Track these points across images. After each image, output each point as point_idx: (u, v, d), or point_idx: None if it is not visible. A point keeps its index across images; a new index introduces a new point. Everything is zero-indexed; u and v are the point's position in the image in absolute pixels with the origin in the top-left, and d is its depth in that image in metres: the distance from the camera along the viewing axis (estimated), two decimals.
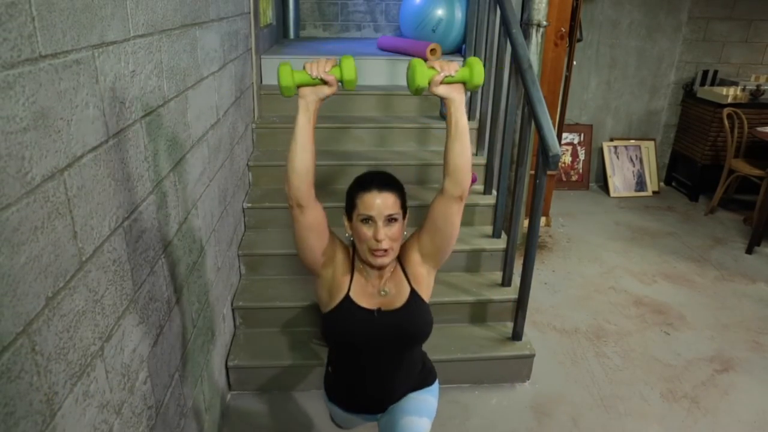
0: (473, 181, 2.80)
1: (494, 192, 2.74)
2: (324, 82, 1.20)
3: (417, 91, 1.21)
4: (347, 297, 1.35)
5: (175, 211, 1.52)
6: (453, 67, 1.20)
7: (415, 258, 1.39)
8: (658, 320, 2.84)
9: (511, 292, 2.44)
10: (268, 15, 3.33)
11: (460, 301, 2.41)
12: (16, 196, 0.80)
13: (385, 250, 1.28)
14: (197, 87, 1.72)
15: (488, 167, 2.74)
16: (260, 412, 2.15)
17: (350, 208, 1.33)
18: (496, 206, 2.62)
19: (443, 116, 2.99)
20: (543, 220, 3.88)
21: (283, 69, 1.18)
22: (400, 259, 1.40)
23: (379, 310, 1.35)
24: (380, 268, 1.35)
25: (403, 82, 3.52)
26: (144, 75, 1.27)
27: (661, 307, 2.96)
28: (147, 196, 1.31)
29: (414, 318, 1.37)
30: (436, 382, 1.54)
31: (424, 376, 1.51)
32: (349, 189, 1.34)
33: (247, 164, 2.69)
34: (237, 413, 2.14)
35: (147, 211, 1.31)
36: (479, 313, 2.44)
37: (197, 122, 1.73)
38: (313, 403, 2.19)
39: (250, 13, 2.62)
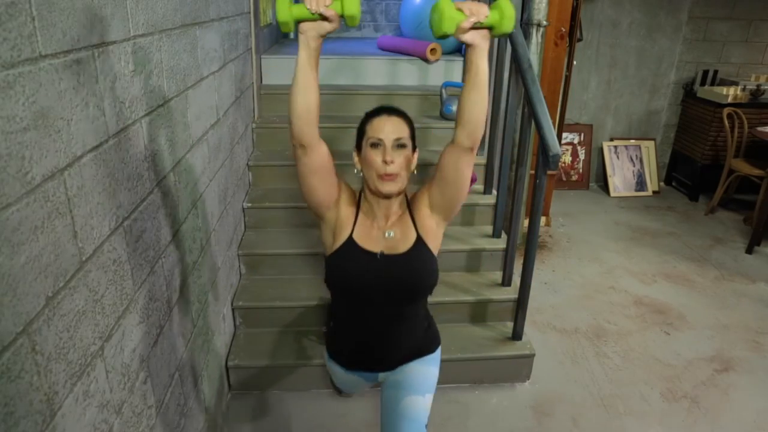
0: (473, 180, 2.80)
1: (494, 192, 2.74)
2: (324, 18, 1.10)
3: (443, 37, 1.13)
4: (350, 239, 1.34)
5: (175, 211, 1.52)
6: (483, 12, 1.11)
7: (424, 209, 1.37)
8: (658, 320, 2.84)
9: (511, 292, 2.44)
10: (268, 15, 3.33)
11: (460, 301, 2.41)
12: (16, 195, 0.80)
13: (394, 175, 1.27)
14: (197, 87, 1.72)
15: (488, 167, 2.74)
16: (260, 413, 2.15)
17: (360, 137, 1.33)
18: (496, 206, 2.62)
19: (444, 116, 2.99)
20: (543, 219, 3.88)
21: (281, 2, 1.10)
22: (410, 207, 1.39)
23: (382, 253, 1.33)
24: (388, 196, 1.32)
25: (404, 82, 3.53)
26: (144, 75, 1.27)
27: (661, 306, 2.96)
28: (147, 195, 1.31)
29: (418, 264, 1.35)
30: (439, 349, 1.52)
31: (428, 340, 1.48)
32: (360, 123, 1.34)
33: (247, 164, 2.69)
34: (237, 413, 2.14)
35: (147, 211, 1.31)
36: (479, 312, 2.44)
37: (197, 122, 1.73)
38: (314, 403, 2.19)
39: (250, 12, 2.62)
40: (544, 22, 2.81)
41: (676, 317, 2.86)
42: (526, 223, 2.99)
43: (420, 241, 1.35)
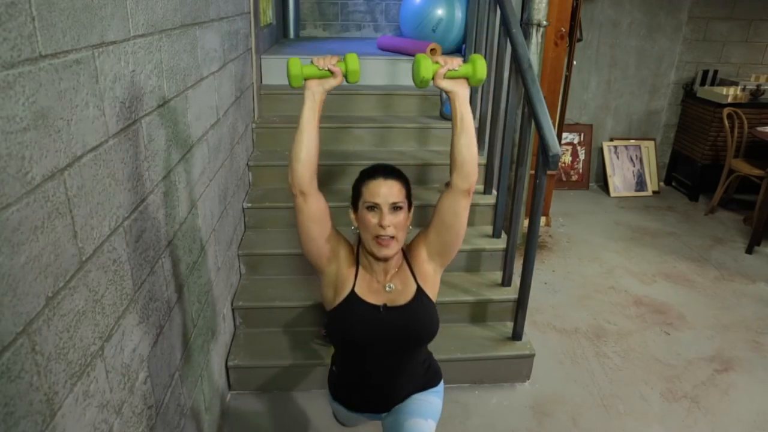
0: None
1: (494, 192, 2.74)
2: (330, 73, 1.24)
3: (422, 83, 1.26)
4: (352, 292, 1.35)
5: (175, 211, 1.52)
6: (456, 62, 1.24)
7: (422, 255, 1.39)
8: (658, 320, 2.84)
9: (511, 292, 2.44)
10: (268, 15, 3.33)
11: (460, 301, 2.41)
12: (16, 195, 0.80)
13: (390, 238, 1.28)
14: (197, 87, 1.72)
15: (488, 167, 2.74)
16: (260, 412, 2.15)
17: (356, 198, 1.34)
18: (496, 206, 2.62)
19: (443, 116, 2.99)
20: (543, 219, 3.88)
21: (293, 60, 1.24)
22: (407, 257, 1.40)
23: (385, 305, 1.35)
24: (385, 259, 1.34)
25: (404, 82, 3.53)
26: (144, 75, 1.27)
27: (661, 306, 2.96)
28: (147, 195, 1.31)
29: (420, 315, 1.37)
30: (441, 383, 1.54)
31: (429, 377, 1.50)
32: (355, 181, 1.36)
33: (247, 164, 2.69)
34: (237, 413, 2.14)
35: (147, 211, 1.31)
36: (479, 312, 2.44)
37: (197, 122, 1.73)
38: (314, 403, 2.19)
39: (250, 12, 2.62)
40: (544, 22, 2.81)
41: (676, 317, 2.86)
42: (526, 223, 2.99)
43: (420, 292, 1.38)
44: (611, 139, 4.80)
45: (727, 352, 2.58)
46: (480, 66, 1.25)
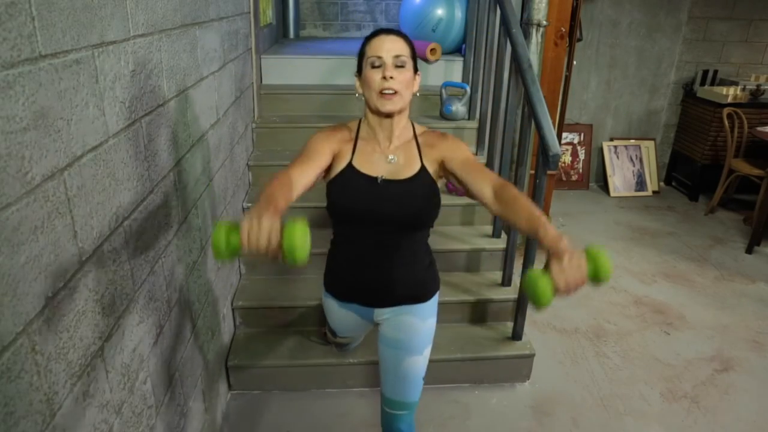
0: None
1: None
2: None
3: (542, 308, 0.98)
4: (349, 165, 1.33)
5: (175, 211, 1.52)
6: (581, 281, 0.96)
7: (435, 154, 1.35)
8: (658, 320, 2.84)
9: (510, 292, 2.44)
10: (268, 15, 3.33)
11: (460, 301, 2.41)
12: (16, 195, 0.80)
13: (394, 92, 1.26)
14: (197, 87, 1.72)
15: (488, 167, 2.73)
16: (260, 412, 2.15)
17: (360, 60, 1.32)
18: None
19: (444, 116, 2.99)
20: None
21: (217, 233, 0.93)
22: (419, 139, 1.37)
23: (382, 177, 1.32)
24: (389, 115, 1.31)
25: None
26: (144, 74, 1.27)
27: (661, 306, 2.96)
28: (147, 195, 1.31)
29: (419, 193, 1.33)
30: (436, 295, 1.50)
31: (426, 280, 1.47)
32: (360, 46, 1.33)
33: (247, 164, 2.69)
34: (237, 413, 2.14)
35: (147, 211, 1.31)
36: (479, 312, 2.44)
37: (197, 122, 1.73)
38: (313, 403, 2.19)
39: (250, 12, 2.62)
40: (544, 22, 2.81)
41: (676, 317, 2.86)
42: None
43: (424, 171, 1.34)
44: (611, 139, 4.80)
45: (726, 352, 2.58)
46: (604, 270, 0.96)
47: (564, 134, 4.45)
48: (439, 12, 3.28)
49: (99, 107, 1.05)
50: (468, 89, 2.92)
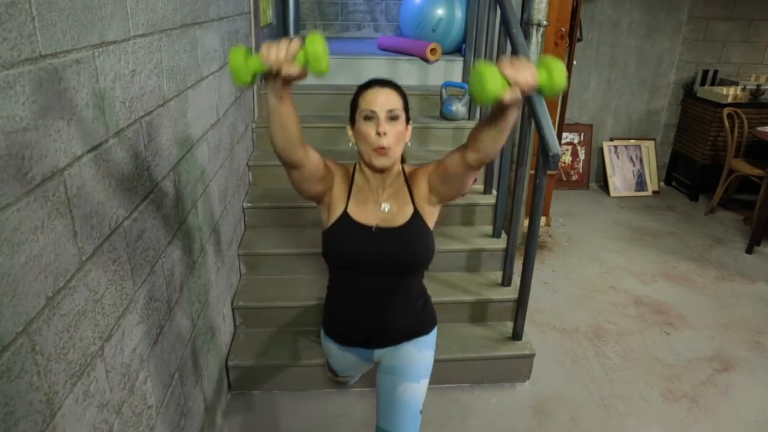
0: (473, 180, 2.80)
1: (494, 192, 2.74)
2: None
3: (487, 101, 0.97)
4: (345, 213, 1.35)
5: (175, 211, 1.52)
6: (529, 73, 0.95)
7: (423, 188, 1.37)
8: (658, 320, 2.84)
9: (511, 292, 2.44)
10: (268, 14, 3.33)
11: (460, 301, 2.41)
12: (16, 195, 0.80)
13: (387, 149, 1.27)
14: (197, 87, 1.72)
15: (488, 167, 2.74)
16: (260, 412, 2.15)
17: (353, 111, 1.33)
18: (496, 206, 2.62)
19: (444, 116, 2.99)
20: (543, 219, 3.88)
21: (235, 54, 0.95)
22: (408, 181, 1.39)
23: (377, 226, 1.33)
24: (382, 170, 1.32)
25: (404, 81, 3.51)
26: (144, 75, 1.27)
27: (661, 306, 2.96)
28: (147, 195, 1.31)
29: (414, 239, 1.35)
30: (434, 330, 1.51)
31: (423, 317, 1.48)
32: (352, 97, 1.34)
33: (247, 164, 2.69)
34: (237, 413, 2.14)
35: (147, 211, 1.31)
36: (479, 312, 2.44)
37: (197, 122, 1.73)
38: (313, 403, 2.19)
39: (250, 12, 2.62)
40: (544, 22, 2.81)
41: (676, 317, 2.86)
42: (526, 223, 2.99)
43: (417, 216, 1.35)
44: (611, 139, 4.80)
45: (727, 352, 2.58)
46: (558, 74, 0.95)
47: (564, 134, 4.45)
48: (440, 12, 3.28)
49: (99, 107, 1.05)
50: (468, 89, 2.92)
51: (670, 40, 4.55)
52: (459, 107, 2.92)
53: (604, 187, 4.74)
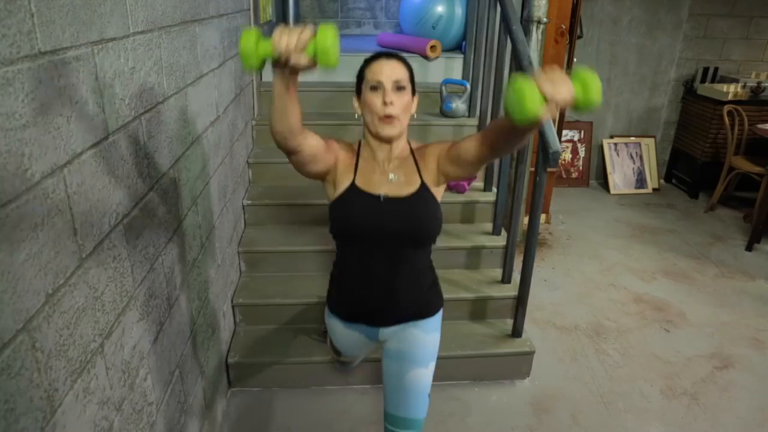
0: (473, 178, 2.80)
1: (494, 189, 2.74)
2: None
3: (526, 121, 0.91)
4: (352, 184, 1.35)
5: (175, 208, 1.52)
6: (567, 90, 0.90)
7: (431, 163, 1.37)
8: (658, 317, 2.84)
9: (511, 289, 2.44)
10: (268, 11, 3.32)
11: (460, 298, 2.41)
12: (15, 192, 0.80)
13: (393, 118, 1.28)
14: (197, 84, 1.72)
15: (488, 164, 2.73)
16: (260, 409, 2.16)
17: (359, 82, 1.34)
18: (496, 203, 2.62)
19: (444, 113, 2.98)
20: (543, 217, 3.88)
21: (246, 38, 0.94)
22: (415, 154, 1.39)
23: (384, 196, 1.34)
24: (389, 140, 1.33)
25: None
26: (143, 72, 1.27)
27: (660, 304, 2.96)
28: (147, 192, 1.30)
29: (421, 210, 1.35)
30: (440, 312, 1.51)
31: (431, 297, 1.47)
32: (360, 68, 1.35)
33: (247, 161, 2.69)
34: (237, 410, 2.14)
35: (147, 208, 1.31)
36: (479, 310, 2.44)
37: (197, 119, 1.73)
38: (314, 400, 2.19)
39: (249, 9, 2.62)
40: (545, 19, 2.81)
41: (675, 314, 2.87)
42: (526, 220, 2.99)
43: (424, 188, 1.36)
44: (611, 137, 4.80)
45: (726, 350, 2.59)
46: (594, 90, 0.90)
47: (564, 131, 4.44)
48: (440, 9, 3.28)
49: (99, 104, 1.05)
50: (468, 86, 2.92)
51: (671, 38, 4.54)
52: (459, 104, 2.92)
53: (604, 184, 4.73)
